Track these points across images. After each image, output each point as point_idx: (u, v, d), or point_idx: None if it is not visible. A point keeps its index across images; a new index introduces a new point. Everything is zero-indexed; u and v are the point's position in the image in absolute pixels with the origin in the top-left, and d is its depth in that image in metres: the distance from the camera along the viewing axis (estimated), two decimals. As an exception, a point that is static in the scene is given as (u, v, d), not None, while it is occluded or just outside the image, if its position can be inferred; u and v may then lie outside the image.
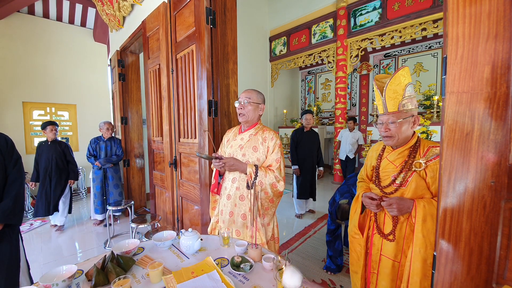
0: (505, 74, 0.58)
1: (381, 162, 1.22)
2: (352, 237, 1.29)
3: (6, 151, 1.43)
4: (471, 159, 0.64)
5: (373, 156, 1.31)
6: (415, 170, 1.07)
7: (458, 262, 0.66)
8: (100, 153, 3.37)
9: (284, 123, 6.94)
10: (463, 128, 0.64)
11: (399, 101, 1.06)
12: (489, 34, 0.60)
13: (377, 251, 1.19)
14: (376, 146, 1.33)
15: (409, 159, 1.11)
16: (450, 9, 0.65)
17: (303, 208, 3.66)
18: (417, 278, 1.00)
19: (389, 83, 1.06)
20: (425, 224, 1.00)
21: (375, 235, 1.20)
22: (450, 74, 0.66)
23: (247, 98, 1.41)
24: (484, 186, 0.62)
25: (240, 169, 1.35)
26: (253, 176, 1.31)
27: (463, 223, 0.65)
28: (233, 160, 1.33)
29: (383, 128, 1.13)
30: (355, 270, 1.27)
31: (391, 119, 1.09)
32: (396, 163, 1.15)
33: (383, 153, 1.23)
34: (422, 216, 1.00)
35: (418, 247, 1.00)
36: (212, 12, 1.83)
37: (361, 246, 1.23)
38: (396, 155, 1.15)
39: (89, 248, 2.80)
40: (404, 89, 1.06)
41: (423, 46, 5.72)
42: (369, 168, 1.33)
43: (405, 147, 1.13)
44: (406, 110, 1.07)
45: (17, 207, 1.41)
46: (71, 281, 0.88)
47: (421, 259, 0.99)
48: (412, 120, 1.10)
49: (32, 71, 4.64)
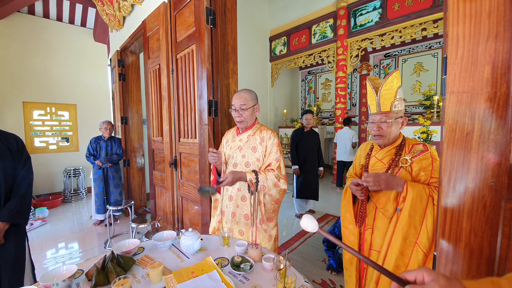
0: (505, 74, 0.58)
1: (370, 160, 1.27)
2: (344, 228, 1.31)
3: (16, 151, 1.46)
4: (471, 159, 0.63)
5: (361, 155, 1.36)
6: (401, 166, 1.14)
7: (458, 262, 0.66)
8: (100, 153, 3.37)
9: (284, 123, 6.93)
10: (463, 128, 0.64)
11: (392, 102, 1.12)
12: (489, 34, 0.60)
13: (369, 247, 1.21)
14: (364, 145, 1.38)
15: (396, 156, 1.17)
16: (450, 9, 0.65)
17: (303, 208, 3.66)
18: (394, 255, 1.04)
19: (384, 84, 1.11)
20: (413, 204, 1.03)
21: (367, 231, 1.22)
22: (450, 74, 0.66)
23: (242, 105, 1.38)
24: (484, 186, 0.62)
25: (242, 179, 1.33)
26: (254, 182, 1.30)
27: (463, 223, 0.65)
28: (231, 174, 1.28)
29: (375, 127, 1.18)
30: (349, 261, 1.29)
31: (383, 119, 1.14)
32: (384, 161, 1.20)
33: (372, 152, 1.29)
34: (413, 195, 1.02)
35: (402, 225, 1.04)
36: (212, 12, 1.83)
37: (354, 235, 1.26)
38: (384, 153, 1.21)
39: (89, 248, 2.80)
40: (396, 91, 1.11)
41: (423, 46, 5.71)
42: (358, 167, 1.38)
43: (392, 146, 1.19)
44: (396, 111, 1.14)
45: (24, 207, 1.42)
46: (71, 281, 0.88)
47: (402, 237, 1.04)
48: (401, 121, 1.17)
49: (32, 71, 4.64)
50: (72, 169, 4.89)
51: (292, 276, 0.84)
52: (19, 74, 4.51)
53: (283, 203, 4.23)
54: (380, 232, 1.16)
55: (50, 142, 4.93)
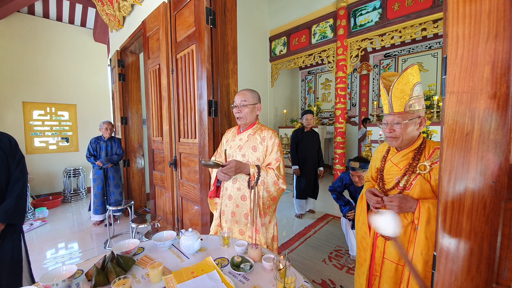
0: (505, 74, 0.58)
1: (385, 164, 1.19)
2: (361, 237, 1.26)
3: (9, 151, 1.43)
4: (471, 159, 0.63)
5: (377, 157, 1.28)
6: (419, 173, 1.04)
7: (458, 262, 0.66)
8: (100, 153, 3.37)
9: (284, 123, 6.93)
10: (463, 128, 0.64)
11: (406, 101, 1.02)
12: (489, 34, 0.60)
13: (380, 254, 1.17)
14: (381, 147, 1.29)
15: (414, 161, 1.07)
16: (450, 9, 0.65)
17: (303, 208, 3.66)
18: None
19: (396, 82, 1.02)
20: (429, 226, 0.97)
21: (379, 238, 1.18)
22: (450, 74, 0.66)
23: (243, 101, 1.40)
24: (484, 186, 0.62)
25: (244, 171, 1.33)
26: (255, 176, 1.31)
27: (463, 223, 0.65)
28: (235, 162, 1.28)
29: (387, 129, 1.09)
30: (362, 271, 1.24)
31: (397, 120, 1.05)
32: (400, 165, 1.11)
33: (388, 155, 1.20)
34: (426, 218, 0.97)
35: (420, 248, 0.98)
36: (212, 12, 1.83)
37: (368, 246, 1.21)
38: (400, 157, 1.12)
39: (89, 248, 2.80)
40: (412, 89, 1.01)
41: (423, 46, 5.71)
42: (374, 170, 1.30)
43: (410, 149, 1.09)
44: (412, 111, 1.02)
45: (19, 207, 1.41)
46: (71, 281, 0.88)
47: (423, 261, 0.98)
48: (419, 121, 1.05)
49: (32, 71, 4.63)
50: (72, 169, 4.89)
51: (292, 276, 0.83)
52: (19, 74, 4.51)
53: (283, 203, 4.23)
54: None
55: (50, 142, 4.92)
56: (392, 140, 1.10)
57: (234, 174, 1.32)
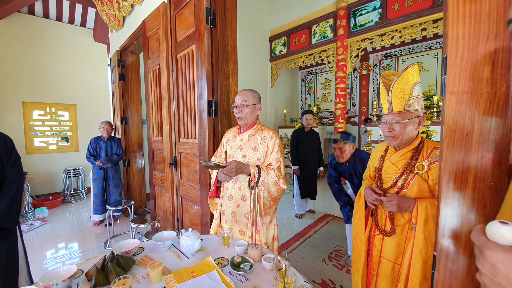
0: (505, 74, 0.58)
1: (384, 163, 1.20)
2: (356, 233, 1.28)
3: (4, 152, 1.37)
4: (471, 159, 0.63)
5: (376, 157, 1.29)
6: (417, 172, 1.05)
7: (458, 262, 0.66)
8: (100, 153, 3.37)
9: (284, 123, 6.94)
10: (463, 128, 0.64)
11: (406, 101, 1.03)
12: (489, 34, 0.60)
13: (378, 253, 1.18)
14: (379, 146, 1.30)
15: (412, 161, 1.08)
16: (450, 9, 0.65)
17: (303, 208, 3.66)
18: (417, 280, 0.99)
19: (396, 82, 1.03)
20: (427, 225, 0.98)
21: (376, 237, 1.19)
22: (450, 74, 0.66)
23: (243, 101, 1.39)
24: (484, 186, 0.62)
25: (245, 171, 1.32)
26: (256, 176, 1.31)
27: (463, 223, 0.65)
28: (235, 163, 1.27)
29: (386, 128, 1.10)
30: (356, 268, 1.26)
31: (396, 119, 1.06)
32: (398, 165, 1.12)
33: (386, 155, 1.21)
34: (424, 217, 0.97)
35: (419, 248, 0.98)
36: (212, 12, 1.83)
37: (362, 242, 1.23)
38: (398, 156, 1.13)
39: (89, 248, 2.80)
40: (412, 89, 1.02)
41: (423, 46, 5.72)
42: (372, 169, 1.31)
43: (408, 149, 1.10)
44: (412, 110, 1.04)
45: (12, 210, 1.35)
46: (71, 281, 0.88)
47: (422, 261, 0.98)
48: (418, 121, 1.06)
49: (32, 71, 4.64)
50: (72, 169, 4.89)
51: (292, 276, 0.83)
52: (19, 74, 4.51)
53: (283, 203, 4.23)
54: (392, 239, 1.12)
55: (50, 142, 4.93)
56: (391, 139, 1.11)
57: (235, 175, 1.31)
